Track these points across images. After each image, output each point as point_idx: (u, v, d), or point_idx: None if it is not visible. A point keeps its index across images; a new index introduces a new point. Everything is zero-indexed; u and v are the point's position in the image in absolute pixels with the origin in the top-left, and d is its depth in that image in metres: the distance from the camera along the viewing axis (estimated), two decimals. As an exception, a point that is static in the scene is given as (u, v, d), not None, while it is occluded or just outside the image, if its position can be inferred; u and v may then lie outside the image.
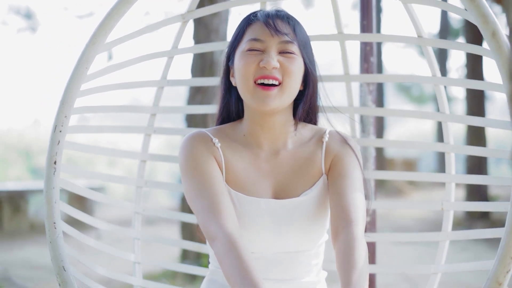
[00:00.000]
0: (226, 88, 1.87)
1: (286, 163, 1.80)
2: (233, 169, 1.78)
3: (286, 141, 1.82)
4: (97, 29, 1.90)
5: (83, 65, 1.90)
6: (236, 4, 2.26)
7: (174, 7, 14.53)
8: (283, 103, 1.74)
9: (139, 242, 2.31)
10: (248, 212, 1.72)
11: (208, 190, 1.68)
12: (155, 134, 2.37)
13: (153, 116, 2.37)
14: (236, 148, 1.80)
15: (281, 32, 1.73)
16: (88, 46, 1.90)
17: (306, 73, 1.79)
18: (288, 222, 1.73)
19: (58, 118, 1.90)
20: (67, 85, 1.90)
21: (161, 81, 2.35)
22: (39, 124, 19.22)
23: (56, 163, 1.90)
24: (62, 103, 1.90)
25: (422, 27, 2.13)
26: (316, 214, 1.75)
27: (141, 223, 2.31)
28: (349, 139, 1.85)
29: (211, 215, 1.64)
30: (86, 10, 16.32)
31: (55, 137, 1.90)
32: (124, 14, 1.91)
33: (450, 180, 2.17)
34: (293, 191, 1.77)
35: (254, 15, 1.80)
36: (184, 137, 1.82)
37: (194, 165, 1.74)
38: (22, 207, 8.56)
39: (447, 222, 2.17)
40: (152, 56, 2.27)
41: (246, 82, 1.73)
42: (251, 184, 1.77)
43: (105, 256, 5.92)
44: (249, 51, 1.74)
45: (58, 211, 1.90)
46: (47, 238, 1.88)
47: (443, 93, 2.17)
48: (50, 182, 1.89)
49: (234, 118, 1.88)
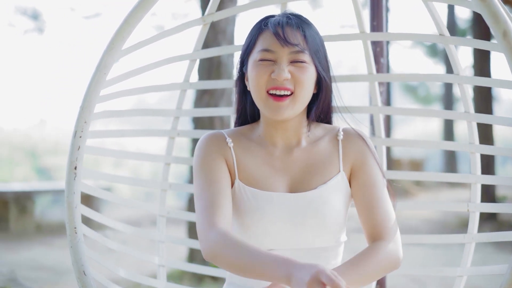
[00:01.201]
0: (241, 92, 1.89)
1: (300, 160, 1.82)
2: (247, 167, 1.82)
3: (300, 140, 1.85)
4: (115, 35, 1.91)
5: (102, 71, 1.92)
6: (257, 5, 2.25)
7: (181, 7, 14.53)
8: (296, 111, 1.77)
9: (163, 245, 2.32)
10: (263, 206, 1.75)
11: (208, 191, 1.75)
12: (179, 136, 2.38)
13: (177, 119, 2.37)
14: (250, 147, 1.85)
15: (291, 43, 1.73)
16: (106, 52, 1.91)
17: (319, 79, 1.81)
18: (303, 215, 1.74)
19: (78, 124, 1.92)
20: (87, 91, 1.92)
21: (183, 84, 2.35)
22: (45, 124, 19.30)
23: (77, 168, 1.92)
24: (82, 109, 1.92)
25: (444, 25, 2.09)
26: (330, 209, 1.76)
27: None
28: (364, 136, 1.87)
29: (205, 213, 1.71)
30: (93, 10, 16.42)
31: (75, 142, 1.92)
32: (141, 19, 1.91)
33: (475, 181, 2.12)
34: (308, 185, 1.79)
35: (265, 23, 1.80)
36: (201, 137, 1.88)
37: (202, 165, 1.80)
38: (29, 208, 8.53)
39: (473, 224, 2.13)
40: (174, 60, 2.28)
41: (258, 92, 1.76)
42: (265, 179, 1.80)
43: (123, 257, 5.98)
44: (260, 61, 1.76)
45: (79, 216, 1.92)
46: (68, 243, 1.91)
47: (467, 92, 2.12)
48: (71, 187, 1.92)
49: (251, 121, 1.92)
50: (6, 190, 8.64)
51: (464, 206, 2.15)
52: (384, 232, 1.75)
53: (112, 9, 21.05)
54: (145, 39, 2.09)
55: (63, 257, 6.67)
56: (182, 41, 3.43)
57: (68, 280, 5.61)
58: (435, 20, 2.08)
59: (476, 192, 2.14)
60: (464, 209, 2.15)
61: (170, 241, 2.35)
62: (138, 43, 2.06)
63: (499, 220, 8.04)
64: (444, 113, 2.23)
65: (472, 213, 2.13)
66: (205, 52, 2.34)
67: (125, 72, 2.11)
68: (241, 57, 1.86)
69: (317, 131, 1.88)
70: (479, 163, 2.13)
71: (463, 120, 2.15)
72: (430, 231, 7.89)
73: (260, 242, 1.75)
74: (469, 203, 2.13)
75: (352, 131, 1.87)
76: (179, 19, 14.34)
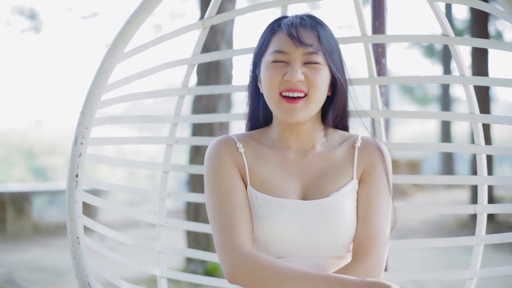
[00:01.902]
0: (254, 95, 1.85)
1: (314, 165, 1.78)
2: (258, 172, 1.77)
3: (315, 144, 1.80)
4: (117, 37, 1.85)
5: (103, 75, 1.85)
6: (257, 9, 2.21)
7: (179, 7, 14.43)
8: (310, 114, 1.73)
9: (164, 255, 2.26)
10: (274, 213, 1.70)
11: (225, 207, 1.71)
12: (177, 144, 2.32)
13: (175, 125, 2.32)
14: (262, 151, 1.80)
15: (305, 43, 1.69)
16: (107, 55, 1.84)
17: (333, 81, 1.76)
18: (315, 222, 1.70)
19: (79, 130, 1.85)
20: (88, 96, 1.85)
21: (182, 90, 2.30)
22: (41, 124, 19.16)
23: (78, 176, 1.85)
24: (83, 114, 1.85)
25: (449, 26, 2.07)
26: (343, 217, 1.71)
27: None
28: (383, 148, 1.82)
29: (225, 233, 1.67)
30: (90, 10, 16.23)
31: (76, 149, 1.85)
32: (143, 21, 1.86)
33: (482, 182, 2.10)
34: (322, 192, 1.74)
35: (278, 24, 1.76)
36: (211, 142, 1.82)
37: (215, 177, 1.75)
38: (26, 209, 8.41)
39: (481, 226, 2.11)
40: (172, 65, 2.23)
41: (271, 94, 1.72)
42: (277, 185, 1.75)
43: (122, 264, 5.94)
44: (273, 62, 1.72)
45: (82, 225, 1.85)
46: (70, 254, 1.83)
47: (472, 94, 2.11)
48: (72, 196, 1.84)
49: (263, 124, 1.88)
50: (3, 190, 8.51)
51: (471, 208, 2.12)
52: (367, 252, 1.68)
53: (110, 9, 20.91)
54: (145, 43, 2.03)
55: (61, 258, 6.61)
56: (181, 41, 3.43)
57: (67, 281, 5.55)
58: (439, 20, 2.06)
59: (483, 193, 2.11)
60: (471, 211, 2.12)
61: (170, 251, 2.28)
62: (140, 46, 2.00)
63: (497, 221, 8.06)
64: (449, 115, 2.21)
65: (479, 215, 2.11)
66: (204, 56, 2.29)
67: (127, 76, 2.05)
68: (253, 59, 1.82)
69: (334, 137, 1.83)
70: (485, 165, 2.11)
71: (468, 121, 2.13)
72: (428, 232, 7.89)
73: (269, 249, 1.71)
74: (476, 205, 2.11)
75: (371, 141, 1.82)
76: (177, 19, 14.25)
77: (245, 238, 1.67)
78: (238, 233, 1.66)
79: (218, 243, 1.68)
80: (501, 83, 2.03)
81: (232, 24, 5.49)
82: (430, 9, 2.06)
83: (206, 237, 5.52)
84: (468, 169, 9.52)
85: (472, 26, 9.20)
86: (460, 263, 5.83)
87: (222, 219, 1.69)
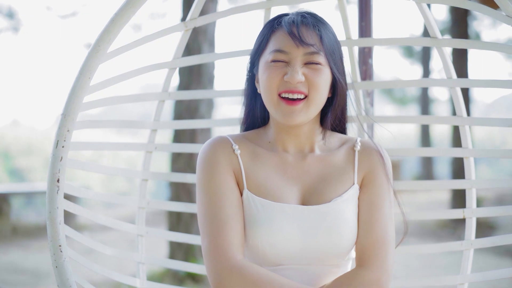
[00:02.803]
0: (250, 95, 1.79)
1: (314, 169, 1.71)
2: (256, 175, 1.69)
3: (313, 147, 1.75)
4: (100, 36, 1.76)
5: (86, 75, 1.75)
6: (240, 11, 2.16)
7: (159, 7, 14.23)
8: (309, 116, 1.67)
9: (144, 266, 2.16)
10: (273, 219, 1.62)
11: (217, 214, 1.62)
12: (157, 151, 2.24)
13: (154, 131, 2.23)
14: (260, 153, 1.73)
15: (306, 43, 1.63)
16: (91, 55, 1.75)
17: (334, 82, 1.70)
18: (316, 229, 1.63)
19: (60, 133, 1.75)
20: (69, 97, 1.75)
21: (162, 94, 2.22)
22: (18, 124, 18.76)
23: (60, 181, 1.75)
24: (64, 116, 1.75)
25: (437, 28, 2.05)
26: (344, 224, 1.65)
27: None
28: (383, 151, 1.78)
29: (216, 242, 1.59)
30: (69, 9, 15.80)
31: (57, 153, 1.74)
32: (129, 19, 1.78)
33: (470, 186, 2.08)
34: (322, 197, 1.67)
35: (278, 22, 1.70)
36: (205, 143, 1.74)
37: (208, 180, 1.66)
38: (5, 210, 8.36)
39: (470, 230, 2.08)
40: (154, 68, 2.15)
41: (270, 95, 1.65)
42: (276, 189, 1.67)
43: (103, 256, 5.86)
44: (273, 62, 1.65)
45: (64, 233, 1.74)
46: (52, 263, 1.72)
47: (460, 96, 2.09)
48: (53, 202, 1.74)
49: (260, 125, 1.81)
50: (-20, 192, 8.39)
51: (459, 213, 2.09)
52: (372, 259, 1.63)
53: (90, 8, 20.50)
54: (129, 43, 1.95)
55: (41, 260, 6.57)
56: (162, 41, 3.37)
57: (47, 283, 5.47)
58: (427, 23, 2.04)
59: (472, 197, 2.09)
60: (460, 215, 2.10)
61: (150, 262, 2.19)
62: (123, 47, 1.92)
63: (477, 222, 8.00)
64: (437, 119, 2.18)
65: (468, 219, 2.08)
66: (185, 60, 2.22)
67: (109, 78, 1.96)
68: (251, 57, 1.75)
69: (332, 140, 1.78)
70: (473, 168, 2.09)
71: (456, 124, 2.10)
72: (410, 233, 7.92)
73: (267, 256, 1.63)
74: (465, 209, 2.08)
75: (371, 144, 1.77)
76: (157, 19, 14.03)
77: (236, 248, 1.59)
78: (229, 242, 1.58)
79: (207, 250, 1.60)
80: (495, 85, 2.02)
81: (214, 25, 5.44)
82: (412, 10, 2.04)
83: None
84: (447, 170, 9.59)
85: (452, 27, 9.29)
86: (442, 264, 5.85)
87: (213, 225, 1.61)
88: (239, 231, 1.61)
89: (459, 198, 8.61)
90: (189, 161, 5.50)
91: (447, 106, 14.61)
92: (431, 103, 16.45)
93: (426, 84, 2.23)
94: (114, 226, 2.10)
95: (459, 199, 8.59)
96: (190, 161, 5.50)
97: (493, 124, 2.02)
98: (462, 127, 2.09)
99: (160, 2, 13.31)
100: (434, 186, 2.19)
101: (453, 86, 2.07)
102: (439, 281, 2.08)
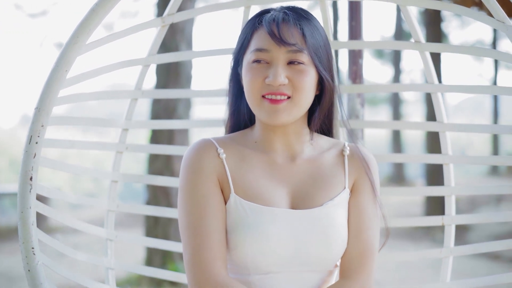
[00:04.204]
0: (236, 94, 1.71)
1: (303, 171, 1.64)
2: (243, 178, 1.61)
3: (302, 148, 1.67)
4: (79, 27, 1.65)
5: (63, 68, 1.65)
6: (220, 8, 2.09)
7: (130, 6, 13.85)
8: (294, 116, 1.59)
9: (113, 272, 2.05)
10: (263, 223, 1.55)
11: (200, 226, 1.54)
12: (128, 151, 2.14)
13: (125, 131, 2.13)
14: (246, 155, 1.64)
15: (287, 42, 1.55)
16: (68, 46, 1.65)
17: (321, 80, 1.62)
18: (307, 234, 1.56)
19: (33, 128, 1.63)
20: (44, 90, 1.64)
21: (135, 92, 2.12)
22: None
23: (32, 179, 1.63)
24: (39, 110, 1.64)
25: (420, 32, 2.03)
26: (336, 228, 1.59)
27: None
28: (370, 156, 1.73)
29: (198, 257, 1.52)
30: (39, 8, 15.17)
31: (30, 149, 1.63)
32: (110, 10, 1.68)
33: (450, 193, 2.06)
34: (313, 201, 1.61)
35: (259, 20, 1.62)
36: (189, 147, 1.65)
37: (192, 187, 1.58)
38: None
39: (449, 237, 2.06)
40: (128, 64, 2.05)
41: (253, 97, 1.59)
42: (265, 193, 1.60)
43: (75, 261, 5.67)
44: (254, 62, 1.58)
45: (36, 234, 1.63)
46: (24, 267, 1.60)
47: (440, 101, 2.07)
48: (25, 201, 1.62)
49: (245, 126, 1.73)
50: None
51: (439, 220, 2.07)
52: (358, 270, 1.60)
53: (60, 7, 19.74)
54: (106, 36, 1.86)
55: (13, 263, 6.41)
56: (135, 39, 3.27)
57: (20, 286, 5.34)
58: (411, 27, 2.02)
59: (451, 204, 2.07)
60: (439, 223, 2.07)
61: (120, 268, 2.08)
62: (101, 39, 1.82)
63: None
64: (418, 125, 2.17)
65: (447, 226, 2.06)
66: (160, 57, 2.14)
67: (84, 72, 1.86)
68: (234, 56, 1.67)
69: (320, 141, 1.71)
70: (452, 175, 2.07)
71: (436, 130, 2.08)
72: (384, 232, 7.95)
73: (256, 263, 1.55)
74: (444, 216, 2.06)
75: (360, 149, 1.72)
76: (128, 18, 13.61)
77: (220, 263, 1.52)
78: (214, 256, 1.51)
79: (190, 263, 1.53)
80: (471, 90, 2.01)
81: (191, 23, 5.36)
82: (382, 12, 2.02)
83: (166, 236, 5.38)
84: (419, 171, 9.62)
85: (426, 30, 9.34)
86: (417, 267, 5.85)
87: (196, 236, 1.53)
88: (222, 243, 1.55)
89: (433, 200, 8.62)
90: (166, 163, 5.39)
91: (417, 106, 14.70)
92: (401, 104, 16.63)
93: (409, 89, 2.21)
94: (83, 229, 1.99)
95: (433, 201, 8.60)
96: (168, 162, 5.40)
97: (474, 130, 2.01)
98: (443, 133, 2.07)
99: (131, 2, 13.05)
100: (412, 192, 2.17)
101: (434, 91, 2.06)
102: (419, 289, 2.05)
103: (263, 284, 1.57)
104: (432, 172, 8.90)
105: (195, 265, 1.51)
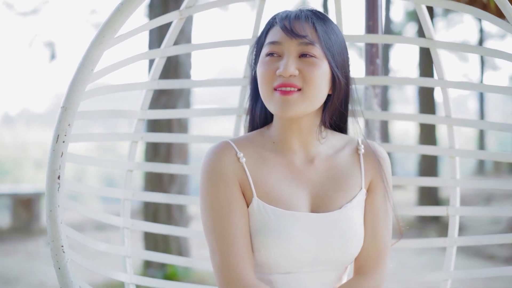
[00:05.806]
0: (254, 93, 1.75)
1: (321, 173, 1.68)
2: (264, 182, 1.64)
3: (318, 147, 1.70)
4: (105, 26, 1.67)
5: (89, 67, 1.67)
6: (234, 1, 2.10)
7: None
8: (306, 109, 1.61)
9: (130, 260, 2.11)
10: (286, 228, 1.60)
11: (227, 231, 1.59)
12: (143, 141, 2.17)
13: (141, 121, 2.16)
14: (266, 158, 1.67)
15: (298, 34, 1.59)
16: (94, 45, 1.67)
17: (333, 78, 1.65)
18: (328, 237, 1.62)
19: (60, 127, 1.65)
20: (71, 89, 1.66)
21: (151, 83, 2.15)
22: None
23: (60, 178, 1.66)
24: (65, 109, 1.66)
25: (433, 30, 2.08)
26: (354, 230, 1.65)
27: None
28: (384, 154, 1.78)
29: (228, 266, 1.57)
30: (30, 6, 14.81)
31: (58, 148, 1.65)
32: (135, 9, 1.70)
33: (456, 185, 2.13)
34: (332, 204, 1.66)
35: (274, 17, 1.68)
36: (208, 150, 1.67)
37: (216, 194, 1.61)
38: None
39: (453, 228, 2.14)
40: (145, 56, 2.07)
41: (265, 89, 1.62)
42: (286, 196, 1.64)
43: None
44: (268, 56, 1.62)
45: (65, 232, 1.67)
46: (54, 265, 1.65)
47: (449, 96, 2.13)
48: (54, 200, 1.65)
49: (262, 124, 1.76)
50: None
51: (443, 210, 2.15)
52: (372, 267, 1.67)
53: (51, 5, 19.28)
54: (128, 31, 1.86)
55: (9, 264, 6.38)
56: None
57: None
58: (424, 24, 2.06)
59: (456, 196, 2.14)
60: (443, 213, 2.15)
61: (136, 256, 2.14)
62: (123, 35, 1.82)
63: (442, 222, 8.22)
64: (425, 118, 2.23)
65: (452, 217, 2.14)
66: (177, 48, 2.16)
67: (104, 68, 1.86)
68: (254, 56, 1.72)
69: (335, 140, 1.74)
70: (458, 168, 2.14)
71: (444, 124, 2.15)
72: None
73: (278, 264, 1.61)
74: (449, 207, 2.13)
75: (374, 147, 1.76)
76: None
77: (249, 267, 1.58)
78: (242, 260, 1.57)
79: (220, 268, 1.59)
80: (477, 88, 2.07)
81: (190, 23, 5.40)
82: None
83: (165, 240, 5.45)
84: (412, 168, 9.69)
85: (419, 29, 9.38)
86: (413, 263, 5.98)
87: (224, 241, 1.58)
88: (249, 247, 1.60)
89: (425, 198, 8.80)
90: (166, 160, 5.45)
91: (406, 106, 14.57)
92: (391, 103, 16.66)
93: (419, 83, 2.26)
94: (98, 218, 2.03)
95: (425, 199, 8.78)
96: (167, 159, 5.45)
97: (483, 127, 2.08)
98: (450, 127, 2.13)
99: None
100: (420, 182, 2.24)
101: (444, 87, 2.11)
102: (423, 277, 2.13)
103: (283, 283, 1.63)
104: (425, 169, 8.99)
105: (225, 270, 1.57)
